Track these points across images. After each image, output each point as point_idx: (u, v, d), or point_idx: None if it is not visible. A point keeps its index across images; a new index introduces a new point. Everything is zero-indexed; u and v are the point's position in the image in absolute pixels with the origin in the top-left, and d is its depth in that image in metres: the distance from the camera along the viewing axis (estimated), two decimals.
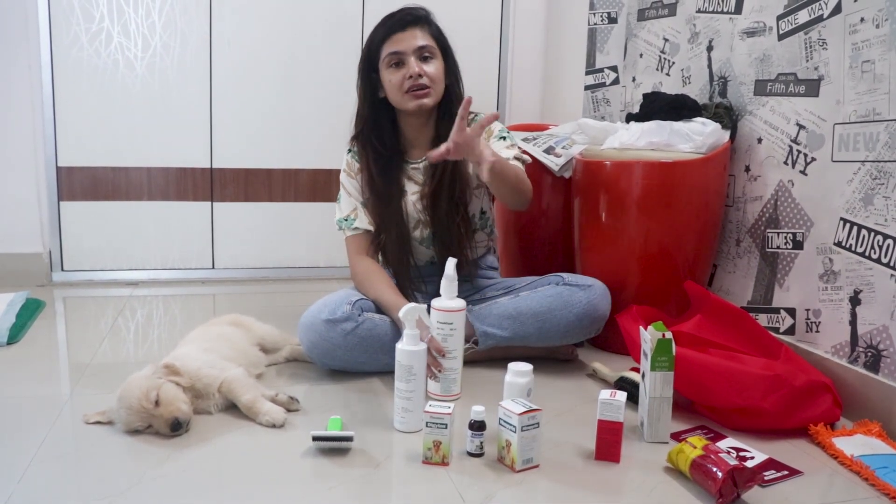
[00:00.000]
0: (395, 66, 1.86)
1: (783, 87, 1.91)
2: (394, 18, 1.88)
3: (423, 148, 1.95)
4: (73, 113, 2.68)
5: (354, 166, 1.97)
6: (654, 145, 2.01)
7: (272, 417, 1.52)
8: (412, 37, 1.85)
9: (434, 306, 1.68)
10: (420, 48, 1.85)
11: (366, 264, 1.92)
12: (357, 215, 1.95)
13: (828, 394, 1.61)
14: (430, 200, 1.92)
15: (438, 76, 1.88)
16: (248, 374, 1.63)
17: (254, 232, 2.92)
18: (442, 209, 1.91)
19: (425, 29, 1.88)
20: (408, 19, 1.87)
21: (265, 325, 1.96)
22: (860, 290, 1.68)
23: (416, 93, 1.85)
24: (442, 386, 1.69)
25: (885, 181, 1.61)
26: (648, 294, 2.02)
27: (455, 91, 1.95)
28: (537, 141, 2.39)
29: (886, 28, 1.61)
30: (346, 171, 1.98)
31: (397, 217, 1.93)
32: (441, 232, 1.93)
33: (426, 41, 1.87)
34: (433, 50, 1.88)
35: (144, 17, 2.68)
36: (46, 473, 1.32)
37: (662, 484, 1.35)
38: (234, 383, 1.57)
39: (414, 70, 1.83)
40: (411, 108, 1.87)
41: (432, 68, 1.87)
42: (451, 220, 1.92)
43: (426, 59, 1.87)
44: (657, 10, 2.45)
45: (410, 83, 1.84)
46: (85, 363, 1.89)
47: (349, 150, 1.99)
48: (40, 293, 2.55)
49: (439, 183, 1.90)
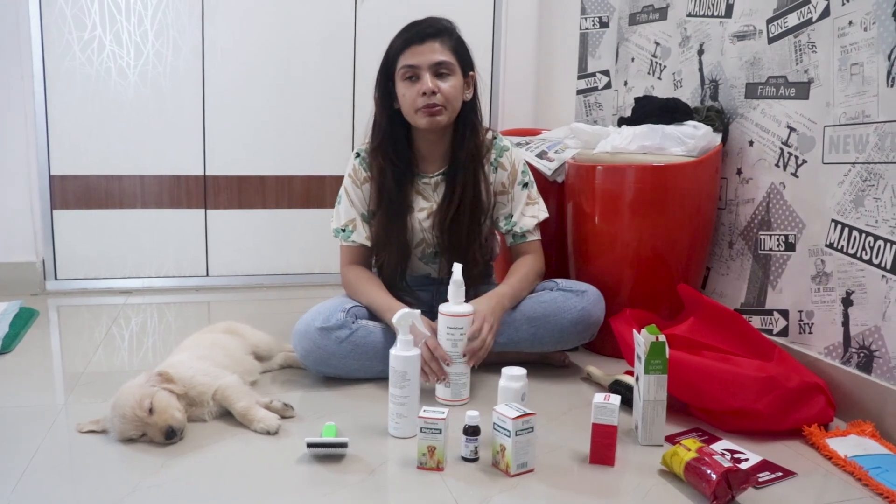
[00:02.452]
0: (410, 80, 1.79)
1: (774, 90, 1.92)
2: (413, 29, 1.80)
3: (436, 162, 1.92)
4: (66, 121, 2.68)
5: (361, 174, 1.91)
6: (646, 149, 2.02)
7: (266, 424, 1.52)
8: (430, 51, 1.78)
9: (442, 311, 1.69)
10: (437, 64, 1.78)
11: (357, 271, 1.91)
12: (355, 227, 1.92)
13: (821, 395, 1.62)
14: (448, 224, 1.88)
15: (454, 94, 1.81)
16: (242, 382, 1.63)
17: (248, 239, 2.92)
18: (462, 233, 1.89)
19: (445, 43, 1.80)
20: (428, 32, 1.79)
21: (259, 333, 1.95)
22: (852, 291, 1.69)
23: (429, 110, 1.78)
24: (452, 390, 1.69)
25: (876, 182, 1.62)
26: (642, 297, 2.02)
27: (472, 107, 1.89)
28: (530, 145, 2.40)
29: (874, 31, 1.62)
30: (352, 177, 1.92)
31: (401, 232, 1.90)
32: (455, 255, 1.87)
33: (444, 56, 1.79)
34: (451, 66, 1.80)
35: (137, 25, 2.68)
36: (41, 483, 1.31)
37: (657, 486, 1.35)
38: (228, 390, 1.56)
39: (428, 87, 1.76)
40: (422, 125, 1.81)
41: (447, 85, 1.79)
42: (469, 244, 1.90)
43: (442, 75, 1.79)
44: (648, 14, 2.46)
45: (424, 101, 1.77)
46: (79, 372, 1.89)
47: (357, 155, 1.93)
48: (34, 302, 2.54)
49: (459, 207, 1.87)
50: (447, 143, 1.90)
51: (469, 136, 1.88)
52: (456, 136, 1.89)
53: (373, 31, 2.87)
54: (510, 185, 1.94)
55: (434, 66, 1.78)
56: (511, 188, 1.94)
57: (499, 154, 1.94)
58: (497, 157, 1.94)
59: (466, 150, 1.87)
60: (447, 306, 1.69)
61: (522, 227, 1.94)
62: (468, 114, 1.89)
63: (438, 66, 1.79)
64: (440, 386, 1.70)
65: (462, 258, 1.82)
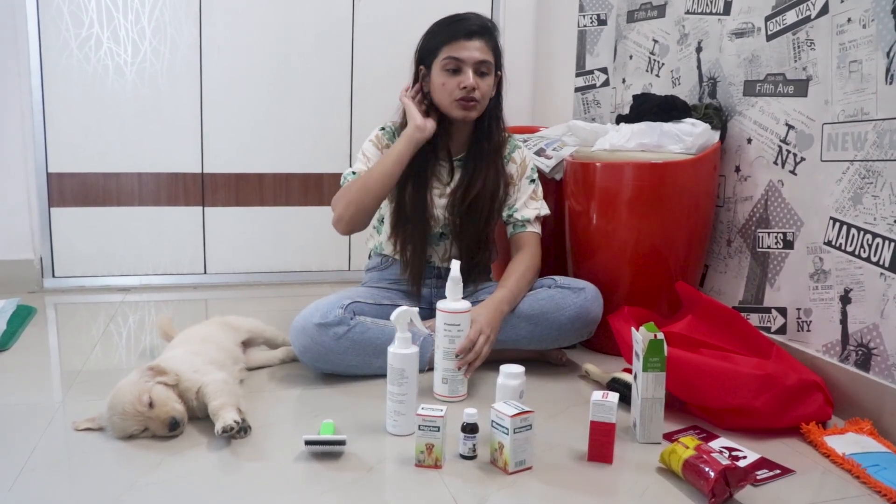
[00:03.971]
0: (452, 72, 1.85)
1: (772, 88, 1.92)
2: (463, 23, 1.86)
3: (455, 148, 1.98)
4: (64, 119, 2.67)
5: (384, 141, 1.97)
6: (644, 146, 2.02)
7: (223, 422, 1.43)
8: (476, 48, 1.84)
9: (440, 308, 1.70)
10: (480, 62, 1.85)
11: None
12: None
13: (819, 392, 1.62)
14: (465, 208, 1.93)
15: (489, 92, 1.89)
16: (231, 381, 1.59)
17: (245, 237, 2.91)
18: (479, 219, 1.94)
19: (489, 42, 1.88)
20: (475, 29, 1.86)
21: (249, 319, 1.97)
22: (850, 288, 1.69)
23: (466, 104, 1.85)
24: (449, 387, 1.70)
25: (874, 180, 1.62)
26: (640, 295, 2.02)
27: (497, 104, 1.97)
28: (528, 143, 2.40)
29: (873, 28, 1.62)
30: (374, 142, 1.97)
31: (424, 205, 1.93)
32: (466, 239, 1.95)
33: (486, 56, 1.86)
34: (490, 66, 1.87)
35: (134, 23, 2.67)
36: (38, 481, 1.31)
37: (655, 484, 1.35)
38: (208, 387, 1.51)
39: (470, 83, 1.83)
40: (457, 116, 1.88)
41: (485, 84, 1.87)
42: (482, 231, 1.97)
43: (482, 74, 1.86)
44: (646, 11, 2.46)
45: (462, 94, 1.84)
46: (77, 370, 1.89)
47: (382, 128, 1.99)
48: (31, 300, 2.54)
49: (479, 194, 1.92)
50: (468, 132, 1.97)
51: (495, 130, 1.97)
52: (479, 127, 1.95)
53: (371, 27, 2.86)
54: (518, 177, 2.00)
55: (478, 63, 1.85)
56: (518, 181, 2.00)
57: (511, 149, 2.02)
58: (510, 153, 2.01)
59: (492, 142, 1.96)
60: (445, 303, 1.69)
61: (523, 215, 1.97)
62: (493, 109, 1.96)
63: (481, 64, 1.86)
64: (438, 383, 1.70)
65: (473, 243, 1.93)
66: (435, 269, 2.01)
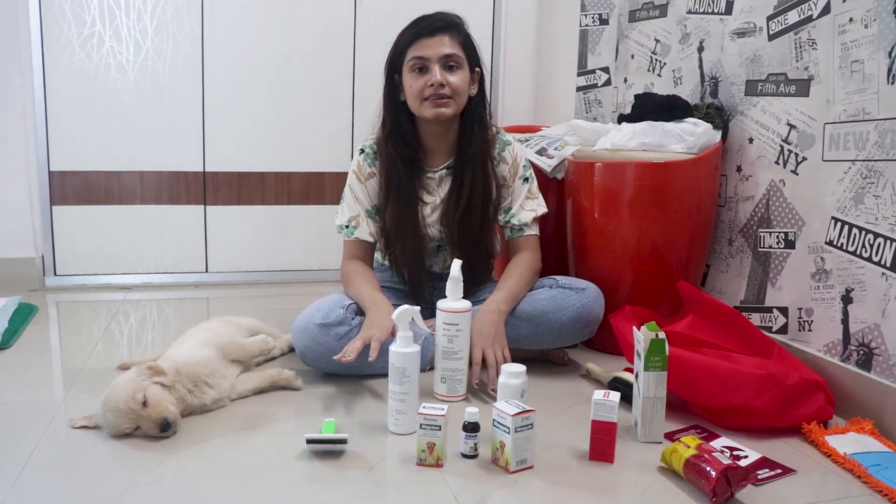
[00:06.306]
0: (418, 72, 1.82)
1: (774, 87, 1.92)
2: (423, 23, 1.83)
3: (440, 157, 1.94)
4: (66, 117, 2.67)
5: (366, 170, 1.93)
6: (645, 146, 2.02)
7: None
8: (440, 44, 1.81)
9: (440, 307, 1.69)
10: (446, 56, 1.81)
11: (354, 265, 1.92)
12: (358, 224, 1.92)
13: (820, 392, 1.62)
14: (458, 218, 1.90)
15: (461, 87, 1.84)
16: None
17: (247, 235, 2.91)
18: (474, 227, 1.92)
19: (455, 37, 1.84)
20: (438, 25, 1.82)
21: (247, 319, 2.00)
22: (852, 288, 1.69)
23: (436, 101, 1.81)
24: (448, 386, 1.69)
25: (876, 180, 1.62)
26: (641, 294, 2.02)
27: (480, 102, 1.92)
28: (529, 142, 2.40)
29: (875, 28, 1.62)
30: (356, 173, 1.93)
31: (414, 220, 1.91)
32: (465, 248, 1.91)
33: (453, 49, 1.82)
34: (459, 59, 1.83)
35: (136, 21, 2.68)
36: (39, 479, 1.31)
37: (656, 484, 1.35)
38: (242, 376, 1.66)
39: (436, 78, 1.79)
40: (428, 116, 1.83)
41: (456, 78, 1.82)
42: (481, 238, 1.94)
43: (451, 68, 1.82)
44: (648, 11, 2.46)
45: (431, 91, 1.80)
46: (78, 368, 1.89)
47: (361, 151, 1.94)
48: (33, 298, 2.54)
49: (470, 201, 1.89)
50: (452, 137, 1.92)
51: (478, 131, 1.91)
52: (463, 130, 1.91)
53: (372, 26, 2.86)
54: (511, 178, 1.96)
55: (443, 58, 1.81)
56: (512, 182, 1.96)
57: (501, 148, 1.97)
58: (500, 152, 1.96)
59: (475, 144, 1.90)
60: (445, 302, 1.69)
61: (520, 220, 1.95)
62: (476, 108, 1.91)
63: (447, 58, 1.81)
64: (438, 382, 1.70)
65: (472, 251, 1.88)
66: (436, 275, 2.01)
